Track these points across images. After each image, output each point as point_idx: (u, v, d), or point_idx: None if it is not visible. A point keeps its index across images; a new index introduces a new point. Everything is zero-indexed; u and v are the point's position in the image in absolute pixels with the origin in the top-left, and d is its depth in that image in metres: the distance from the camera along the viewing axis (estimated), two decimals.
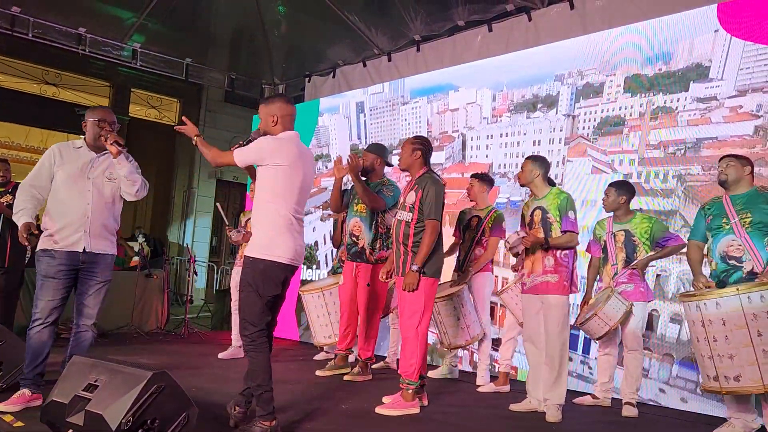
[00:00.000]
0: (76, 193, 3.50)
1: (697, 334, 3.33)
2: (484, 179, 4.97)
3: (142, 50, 7.78)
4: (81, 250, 3.49)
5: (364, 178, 4.80)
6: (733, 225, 3.49)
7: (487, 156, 5.64)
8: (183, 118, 3.44)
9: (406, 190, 4.14)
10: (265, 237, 3.15)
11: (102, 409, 2.59)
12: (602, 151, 4.83)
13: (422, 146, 4.12)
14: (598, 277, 4.42)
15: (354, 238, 4.88)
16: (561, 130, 5.20)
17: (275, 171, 3.13)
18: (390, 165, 5.07)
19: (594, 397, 4.39)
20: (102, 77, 11.92)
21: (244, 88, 9.04)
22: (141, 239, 10.75)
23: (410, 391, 3.90)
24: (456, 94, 6.24)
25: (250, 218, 5.71)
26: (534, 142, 5.21)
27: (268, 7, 7.23)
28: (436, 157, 5.50)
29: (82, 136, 3.66)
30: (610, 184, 4.39)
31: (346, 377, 4.76)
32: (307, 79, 8.37)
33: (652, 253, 4.20)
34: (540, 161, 4.11)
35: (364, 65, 7.51)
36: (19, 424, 3.11)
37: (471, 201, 4.96)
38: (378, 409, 3.85)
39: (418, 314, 3.91)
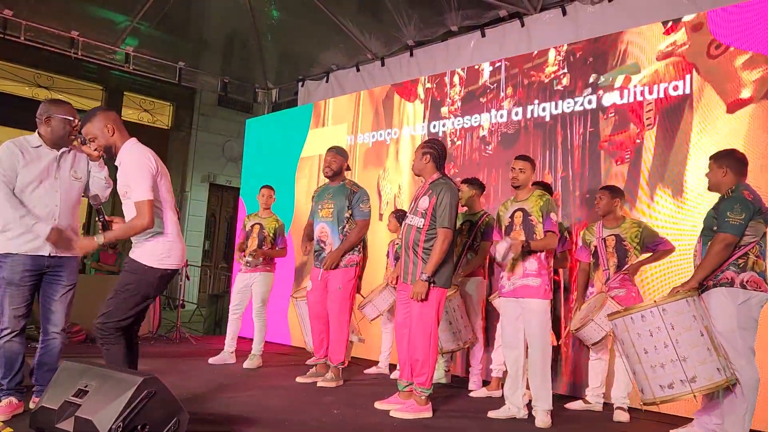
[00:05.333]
0: (44, 194, 3.32)
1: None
2: (474, 184, 4.98)
3: (135, 54, 7.78)
4: (47, 254, 3.33)
5: (331, 179, 4.85)
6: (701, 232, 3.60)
7: None
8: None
9: (419, 195, 4.10)
10: (163, 246, 3.11)
11: (92, 415, 2.58)
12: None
13: (432, 150, 4.08)
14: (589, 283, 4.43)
15: (321, 244, 4.81)
16: None
17: (158, 180, 3.11)
18: (348, 169, 5.03)
19: (585, 401, 4.39)
20: (95, 81, 11.89)
21: (238, 92, 9.06)
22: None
23: (423, 397, 3.93)
24: None
25: (256, 223, 5.70)
26: None
27: (262, 11, 7.24)
28: None
29: (35, 132, 3.39)
30: (603, 188, 4.40)
31: (319, 383, 4.72)
32: (300, 84, 8.38)
33: (642, 257, 4.22)
34: (533, 163, 4.08)
35: (358, 70, 7.54)
36: (9, 430, 3.09)
37: (463, 206, 4.95)
38: (393, 413, 3.90)
39: (430, 324, 3.91)
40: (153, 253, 3.09)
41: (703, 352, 3.20)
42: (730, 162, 3.50)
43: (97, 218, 3.29)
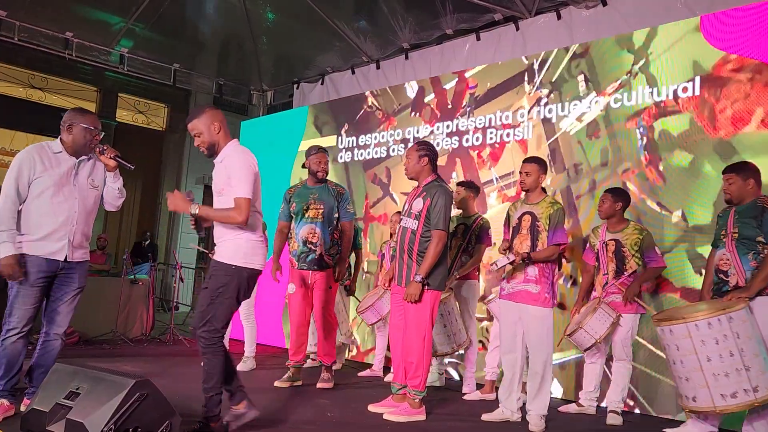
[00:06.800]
0: (62, 200, 3.37)
1: (665, 355, 3.53)
2: (470, 187, 4.98)
3: (129, 55, 7.76)
4: (62, 259, 3.38)
5: (320, 180, 4.79)
6: (727, 238, 3.55)
7: None
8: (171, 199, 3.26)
9: (412, 197, 4.10)
10: (248, 245, 3.16)
11: (83, 418, 2.57)
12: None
13: (429, 152, 4.08)
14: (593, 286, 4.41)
15: (310, 245, 4.72)
16: None
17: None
18: None
19: (579, 404, 4.39)
20: (89, 82, 11.85)
21: (233, 94, 9.05)
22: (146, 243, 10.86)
23: (417, 400, 3.93)
24: None
25: None
26: None
27: (257, 13, 7.24)
28: None
29: (58, 138, 3.48)
30: (607, 191, 4.36)
31: (318, 385, 4.73)
32: (295, 86, 8.38)
33: (637, 279, 4.13)
34: (542, 165, 4.05)
35: (353, 72, 7.55)
36: None
37: (458, 209, 4.96)
38: (386, 416, 3.90)
39: (424, 326, 3.91)
40: (238, 252, 3.15)
41: (763, 361, 3.18)
42: (754, 173, 3.54)
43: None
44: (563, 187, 5.14)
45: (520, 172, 4.05)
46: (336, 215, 4.77)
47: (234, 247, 3.16)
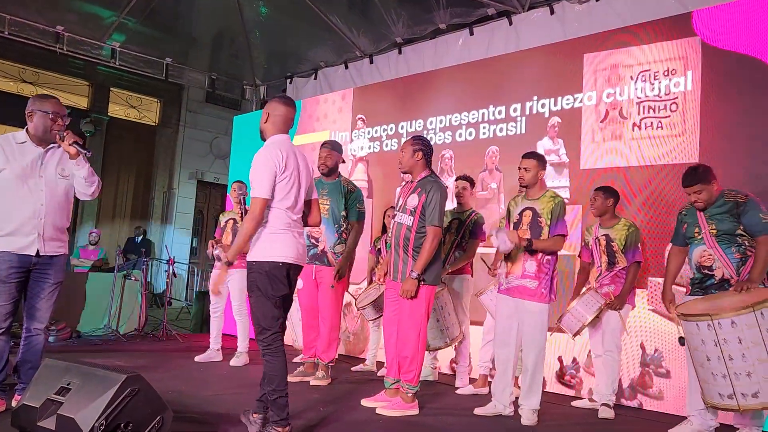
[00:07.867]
0: (27, 192, 3.26)
1: (707, 353, 3.19)
2: (466, 180, 4.98)
3: (121, 49, 7.72)
4: (34, 254, 3.28)
5: (326, 175, 4.82)
6: (704, 235, 3.55)
7: None
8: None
9: (407, 192, 4.09)
10: (266, 240, 3.13)
11: (74, 413, 2.56)
12: None
13: (423, 147, 4.07)
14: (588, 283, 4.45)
15: (313, 240, 4.75)
16: None
17: (280, 176, 3.15)
18: (343, 161, 5.02)
19: (591, 400, 4.41)
20: (81, 76, 11.79)
21: (226, 89, 9.03)
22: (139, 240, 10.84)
23: (410, 394, 3.94)
24: None
25: (230, 219, 5.70)
26: None
27: (250, 7, 7.21)
28: None
29: (24, 128, 3.37)
30: (597, 189, 4.40)
31: (312, 382, 4.72)
32: (288, 81, 8.36)
33: (625, 286, 4.18)
34: (541, 161, 4.04)
35: (346, 67, 7.53)
36: None
37: (459, 203, 4.96)
38: (379, 410, 3.90)
39: (419, 321, 3.92)
40: (255, 248, 3.13)
41: None
42: (713, 174, 3.54)
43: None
44: None
45: (519, 168, 4.03)
46: (343, 213, 4.76)
47: (254, 244, 3.14)
